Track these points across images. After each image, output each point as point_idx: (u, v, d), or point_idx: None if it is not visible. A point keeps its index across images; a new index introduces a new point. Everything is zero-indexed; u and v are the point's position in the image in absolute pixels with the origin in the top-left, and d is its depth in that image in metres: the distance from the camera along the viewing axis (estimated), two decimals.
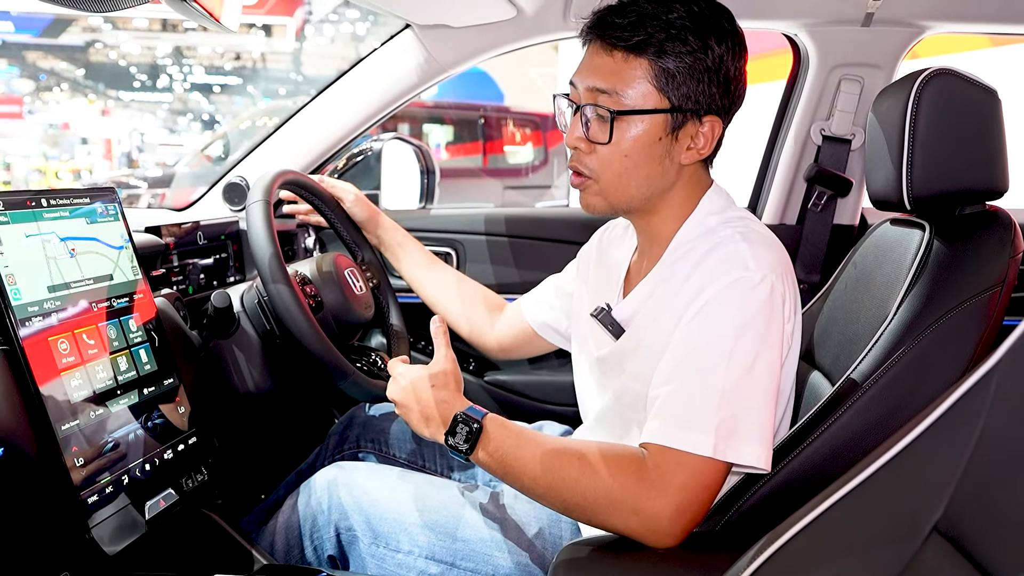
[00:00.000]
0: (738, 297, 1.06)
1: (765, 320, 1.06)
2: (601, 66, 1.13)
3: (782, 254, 1.14)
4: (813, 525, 0.76)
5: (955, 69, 1.23)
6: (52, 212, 1.15)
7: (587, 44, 1.17)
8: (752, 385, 1.05)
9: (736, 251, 1.09)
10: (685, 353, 1.08)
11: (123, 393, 1.17)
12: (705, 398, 1.03)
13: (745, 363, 1.04)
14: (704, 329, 1.07)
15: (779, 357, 1.09)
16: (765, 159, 2.19)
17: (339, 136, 2.04)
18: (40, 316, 1.07)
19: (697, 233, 1.17)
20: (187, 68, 24.16)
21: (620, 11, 1.12)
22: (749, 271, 1.07)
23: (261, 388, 1.52)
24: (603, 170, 1.15)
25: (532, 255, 2.20)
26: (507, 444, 1.09)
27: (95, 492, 1.07)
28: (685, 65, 1.10)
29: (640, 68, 1.11)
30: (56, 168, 16.84)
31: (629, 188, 1.16)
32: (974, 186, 1.23)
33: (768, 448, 1.06)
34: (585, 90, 1.15)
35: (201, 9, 1.17)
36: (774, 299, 1.07)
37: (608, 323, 1.23)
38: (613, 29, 1.11)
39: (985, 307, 1.16)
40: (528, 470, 1.07)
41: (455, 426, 1.11)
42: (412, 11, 1.81)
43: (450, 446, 1.12)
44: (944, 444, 0.73)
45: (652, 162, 1.15)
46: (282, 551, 1.31)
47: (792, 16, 1.92)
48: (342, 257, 1.63)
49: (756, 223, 1.19)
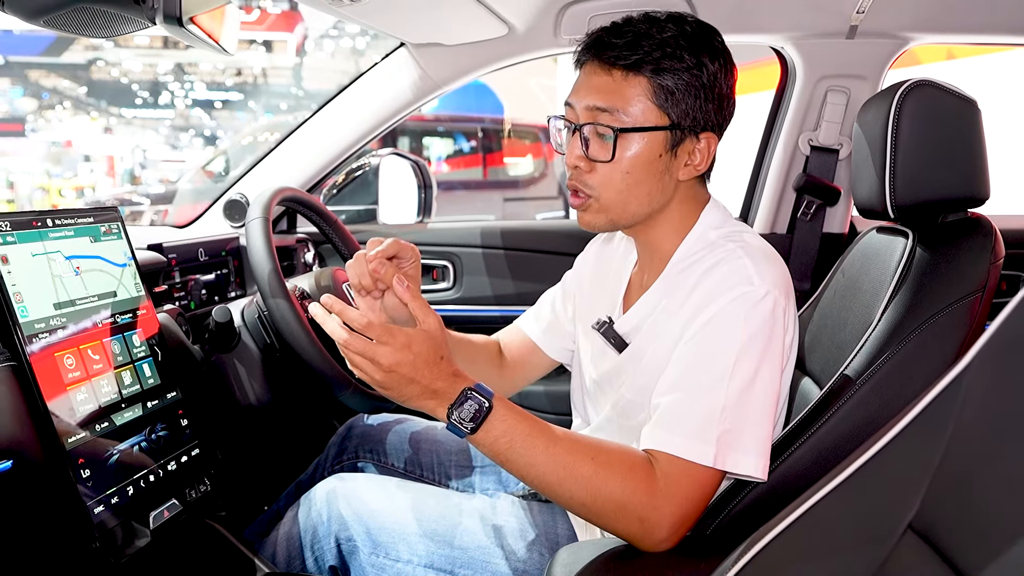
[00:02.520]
0: (743, 311, 1.09)
1: (768, 334, 1.09)
2: (600, 85, 1.15)
3: (783, 268, 1.17)
4: (794, 526, 0.79)
5: (935, 80, 1.26)
6: (57, 231, 1.18)
7: (582, 65, 1.19)
8: (753, 398, 1.08)
9: (740, 267, 1.12)
10: (690, 364, 1.10)
11: (128, 407, 1.20)
12: (708, 409, 1.06)
13: (748, 376, 1.07)
14: (709, 341, 1.09)
15: (779, 370, 1.12)
16: (755, 169, 2.22)
17: (337, 152, 2.08)
18: (47, 332, 1.11)
19: (699, 247, 1.20)
20: (188, 84, 24.25)
21: (616, 31, 1.15)
22: (753, 286, 1.09)
23: (262, 400, 1.54)
24: (604, 188, 1.17)
25: (529, 267, 2.23)
26: (518, 430, 1.06)
27: (101, 503, 1.10)
28: (683, 82, 1.13)
29: (639, 86, 1.13)
30: (59, 186, 16.92)
31: (630, 205, 1.18)
32: (955, 194, 1.26)
33: (765, 458, 1.09)
34: (584, 109, 1.16)
35: (200, 32, 1.21)
36: (776, 314, 1.10)
37: (611, 336, 1.26)
38: (610, 49, 1.14)
39: (967, 312, 1.18)
40: (538, 460, 1.06)
41: (463, 400, 1.05)
42: (406, 30, 1.85)
43: (452, 423, 1.05)
44: (919, 444, 0.75)
45: (652, 179, 1.17)
46: (283, 562, 1.33)
47: (778, 30, 1.95)
48: (340, 271, 1.66)
49: (755, 237, 1.22)
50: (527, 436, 1.06)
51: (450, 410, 1.06)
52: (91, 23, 1.12)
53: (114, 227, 1.29)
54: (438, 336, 1.08)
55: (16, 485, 1.04)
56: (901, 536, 0.74)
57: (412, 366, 1.04)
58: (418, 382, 1.05)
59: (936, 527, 0.71)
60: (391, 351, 1.04)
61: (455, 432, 1.06)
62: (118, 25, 1.14)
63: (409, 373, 1.04)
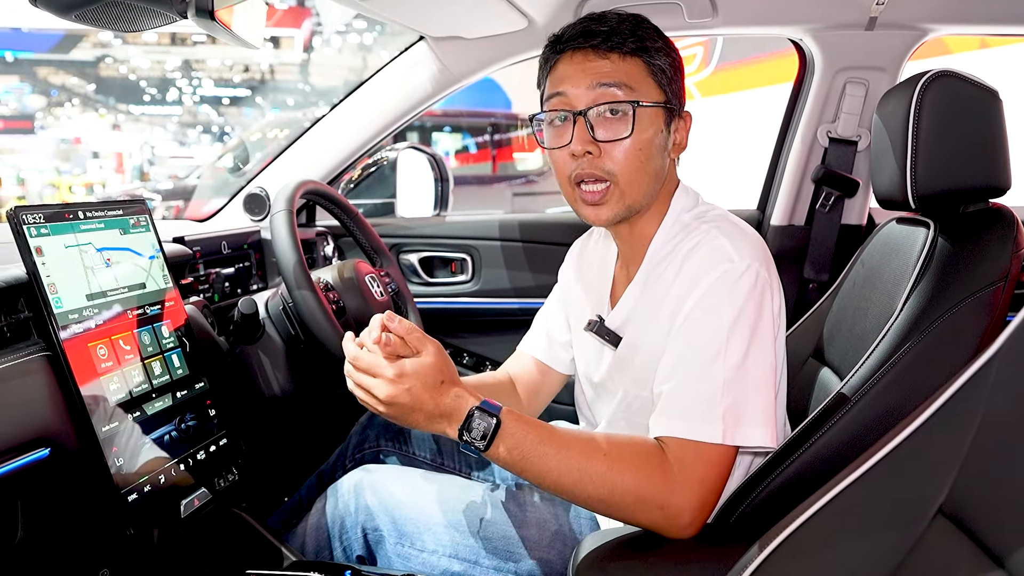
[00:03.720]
0: (727, 289, 1.11)
1: (755, 307, 1.11)
2: (603, 67, 1.18)
3: (759, 241, 1.20)
4: (822, 512, 0.80)
5: (956, 71, 1.27)
6: (88, 224, 1.20)
7: (569, 54, 1.20)
8: (750, 370, 1.10)
9: (718, 247, 1.14)
10: (684, 349, 1.12)
11: (158, 396, 1.22)
12: (709, 388, 1.08)
13: (742, 350, 1.10)
14: (700, 324, 1.12)
15: (772, 339, 1.14)
16: (773, 161, 2.23)
17: (356, 146, 2.09)
18: (79, 323, 1.12)
19: (675, 232, 1.23)
20: (196, 81, 24.31)
21: (598, 20, 1.19)
22: (733, 263, 1.12)
23: (285, 391, 1.56)
24: (620, 168, 1.18)
25: (547, 259, 2.24)
26: (528, 440, 1.07)
27: (135, 491, 1.12)
28: (668, 62, 1.20)
29: (637, 66, 1.18)
30: (69, 182, 16.97)
31: (643, 184, 1.20)
32: (976, 184, 1.26)
33: (772, 428, 1.11)
34: (588, 92, 1.18)
35: (226, 27, 1.22)
36: (759, 285, 1.12)
37: (604, 334, 1.28)
38: (601, 36, 1.17)
39: (989, 302, 1.19)
40: (551, 467, 1.07)
41: (470, 421, 1.06)
42: (426, 24, 1.85)
43: (464, 442, 1.07)
44: (948, 430, 0.76)
45: (658, 156, 1.21)
46: (312, 552, 1.35)
47: (797, 22, 1.95)
48: (362, 263, 1.68)
49: (726, 213, 1.24)
50: (538, 444, 1.07)
51: (460, 431, 1.07)
52: (121, 17, 1.12)
53: (142, 220, 1.30)
54: (436, 362, 1.09)
55: (54, 472, 1.06)
56: (931, 520, 0.75)
57: (410, 394, 1.06)
58: (421, 409, 1.07)
59: (967, 510, 0.72)
60: (383, 383, 1.07)
61: (469, 451, 1.08)
62: (148, 19, 1.15)
63: (408, 402, 1.06)
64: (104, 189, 17.65)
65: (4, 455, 1.01)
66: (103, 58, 23.20)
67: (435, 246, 2.32)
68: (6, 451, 1.02)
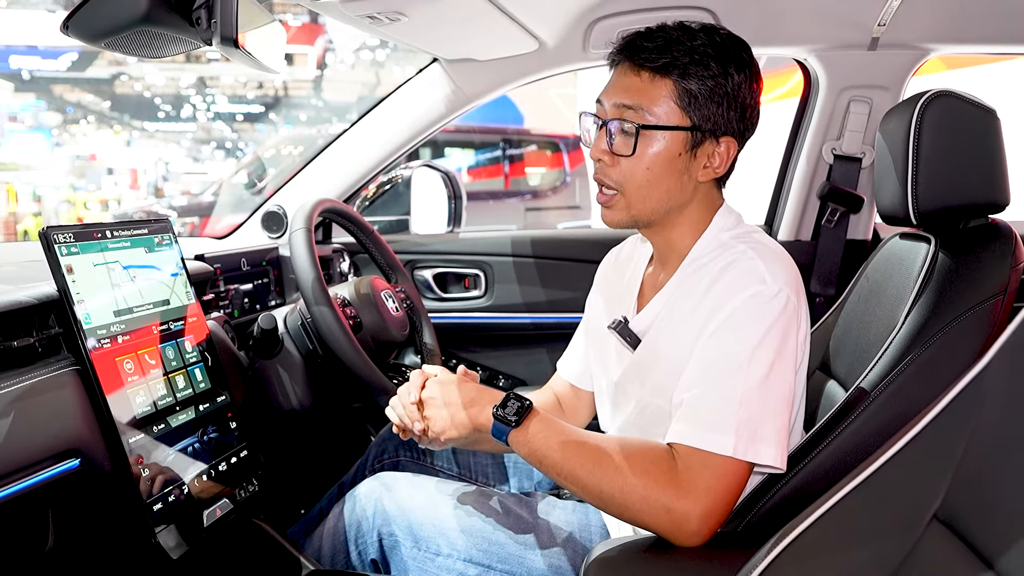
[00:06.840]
0: (757, 310, 1.14)
1: (781, 331, 1.14)
2: (629, 85, 1.22)
3: (793, 268, 1.22)
4: (823, 518, 0.83)
5: (955, 90, 1.30)
6: (115, 242, 1.24)
7: (615, 65, 1.26)
8: (769, 390, 1.12)
9: (753, 267, 1.17)
10: (708, 361, 1.15)
11: (181, 409, 1.26)
12: (726, 402, 1.11)
13: (763, 370, 1.12)
14: (726, 339, 1.14)
15: (794, 366, 1.17)
16: (780, 178, 2.26)
17: (372, 165, 2.14)
18: (107, 338, 1.17)
19: (712, 248, 1.25)
20: (210, 98, 24.48)
21: (648, 36, 1.22)
22: (766, 284, 1.15)
23: (304, 405, 1.60)
24: (626, 182, 1.23)
25: (559, 275, 2.28)
26: (553, 427, 1.16)
27: (160, 500, 1.16)
28: (707, 88, 1.19)
29: (665, 88, 1.20)
30: (84, 199, 17.09)
31: (650, 201, 1.24)
32: (976, 200, 1.29)
33: (784, 449, 1.13)
34: (612, 106, 1.23)
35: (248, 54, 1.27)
36: (788, 310, 1.15)
37: (626, 335, 1.31)
38: (642, 52, 1.21)
39: (988, 315, 1.22)
40: (569, 455, 1.13)
41: (507, 400, 1.17)
42: (440, 47, 1.90)
43: (498, 417, 1.15)
44: (942, 439, 0.79)
45: (671, 176, 1.23)
46: (328, 556, 1.38)
47: (801, 42, 1.99)
48: (378, 280, 1.72)
49: (766, 238, 1.27)
50: (560, 434, 1.15)
51: (495, 408, 1.16)
52: (148, 44, 1.17)
53: (166, 238, 1.35)
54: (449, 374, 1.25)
55: (83, 482, 1.10)
56: (927, 526, 0.78)
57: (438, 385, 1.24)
58: (452, 403, 1.21)
59: (960, 517, 0.75)
60: (406, 388, 1.25)
61: (499, 428, 1.15)
62: (174, 46, 1.20)
63: (440, 396, 1.23)
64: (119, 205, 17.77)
65: (37, 465, 1.06)
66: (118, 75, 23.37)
67: (449, 262, 2.36)
68: (38, 461, 1.06)
